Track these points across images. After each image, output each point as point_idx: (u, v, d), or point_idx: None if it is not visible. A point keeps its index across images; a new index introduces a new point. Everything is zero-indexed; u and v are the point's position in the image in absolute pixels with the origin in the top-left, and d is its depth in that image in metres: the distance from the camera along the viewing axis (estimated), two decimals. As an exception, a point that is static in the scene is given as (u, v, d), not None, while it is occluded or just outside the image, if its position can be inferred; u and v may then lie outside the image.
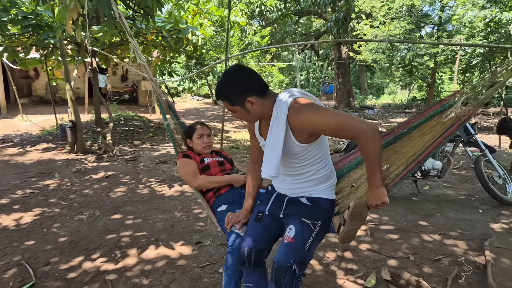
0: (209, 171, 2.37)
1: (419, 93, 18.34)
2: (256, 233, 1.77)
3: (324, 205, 1.76)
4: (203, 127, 2.55)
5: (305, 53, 24.67)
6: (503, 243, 3.10)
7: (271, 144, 1.58)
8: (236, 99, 1.58)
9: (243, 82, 1.58)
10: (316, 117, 1.49)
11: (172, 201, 4.22)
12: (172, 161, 6.35)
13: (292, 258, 1.60)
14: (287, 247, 1.64)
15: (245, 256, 1.74)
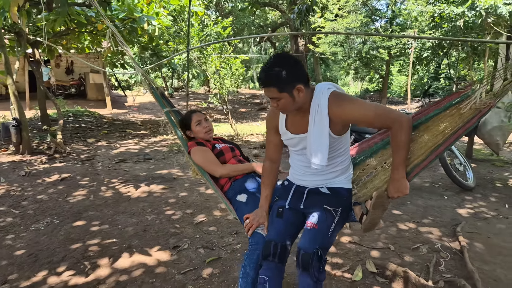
0: (223, 157, 2.31)
1: (371, 84, 19.14)
2: (279, 228, 1.75)
3: (343, 194, 1.80)
4: (198, 114, 2.46)
5: (261, 45, 24.62)
6: (473, 228, 3.25)
7: (317, 135, 1.60)
8: (288, 85, 1.54)
9: (296, 68, 1.56)
10: (356, 107, 1.56)
11: (140, 203, 3.95)
12: (133, 159, 5.99)
13: (318, 244, 1.62)
14: (311, 233, 1.66)
15: (271, 249, 1.70)
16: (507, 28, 6.72)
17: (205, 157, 2.23)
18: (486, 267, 2.59)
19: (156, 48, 9.72)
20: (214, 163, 2.22)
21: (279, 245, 1.71)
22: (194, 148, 2.28)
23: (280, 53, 1.61)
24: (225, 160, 2.31)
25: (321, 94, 1.59)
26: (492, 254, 2.79)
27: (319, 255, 1.60)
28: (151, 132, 9.06)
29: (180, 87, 24.27)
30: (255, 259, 1.81)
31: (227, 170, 2.22)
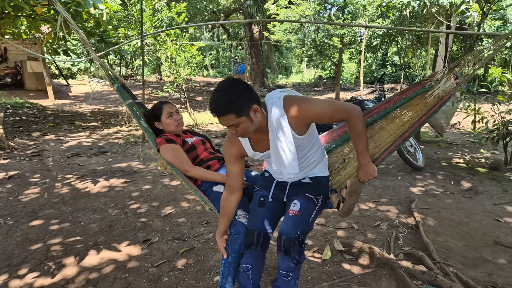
0: (196, 151, 2.25)
1: (324, 72, 19.70)
2: (262, 218, 1.79)
3: (323, 182, 1.88)
4: (170, 105, 2.34)
5: (214, 31, 24.20)
6: (425, 204, 3.55)
7: (284, 147, 1.64)
8: (244, 109, 1.52)
9: (247, 90, 1.54)
10: (315, 107, 1.60)
11: (101, 198, 3.80)
12: (87, 153, 5.70)
13: (299, 229, 1.67)
14: (294, 219, 1.70)
15: (254, 238, 1.75)
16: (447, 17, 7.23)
17: (176, 156, 2.13)
18: (439, 239, 2.86)
19: (104, 34, 9.18)
20: (185, 162, 2.13)
21: (262, 233, 1.75)
22: (164, 146, 2.17)
23: (227, 79, 1.57)
24: (197, 154, 2.26)
25: (274, 106, 1.59)
26: (443, 227, 3.07)
27: (300, 240, 1.66)
28: (103, 124, 8.63)
29: (129, 75, 23.20)
30: (236, 249, 1.83)
31: (198, 173, 2.14)
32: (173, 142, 2.19)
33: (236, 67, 22.92)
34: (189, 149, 2.25)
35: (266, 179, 1.95)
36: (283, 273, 1.75)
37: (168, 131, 2.32)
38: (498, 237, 2.87)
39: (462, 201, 3.61)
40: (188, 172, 2.13)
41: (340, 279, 2.37)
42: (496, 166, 4.52)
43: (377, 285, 2.30)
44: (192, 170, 2.13)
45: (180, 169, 2.12)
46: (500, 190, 3.86)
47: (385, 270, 2.45)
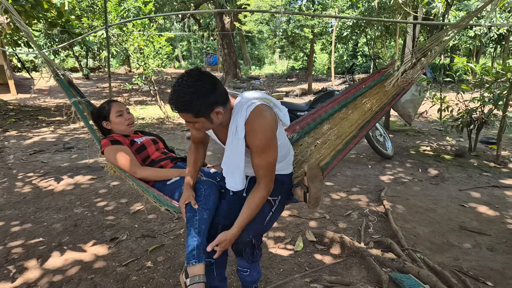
0: (146, 151, 2.11)
1: (297, 63, 19.74)
2: (222, 209, 1.74)
3: (284, 180, 1.80)
4: (119, 104, 2.21)
5: (184, 22, 23.66)
6: (394, 192, 3.62)
7: (232, 158, 1.55)
8: (204, 111, 1.39)
9: (212, 92, 1.38)
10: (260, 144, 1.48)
11: (65, 197, 3.63)
12: (51, 149, 5.44)
13: (251, 234, 1.62)
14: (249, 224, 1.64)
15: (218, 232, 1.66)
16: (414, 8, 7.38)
17: (123, 157, 1.99)
18: (407, 226, 2.93)
19: (67, 25, 8.76)
20: (132, 164, 1.98)
21: (220, 227, 1.69)
22: (109, 148, 2.02)
23: (194, 73, 1.38)
24: (148, 154, 2.12)
25: (239, 114, 1.47)
26: (411, 214, 3.15)
27: (252, 243, 1.63)
28: (69, 118, 8.26)
29: (97, 67, 22.40)
30: (211, 206, 1.71)
31: (148, 173, 1.99)
32: (119, 143, 2.05)
33: (208, 58, 22.60)
34: (139, 150, 2.11)
35: None
36: (241, 269, 1.80)
37: (117, 131, 2.17)
38: (464, 222, 2.98)
39: (429, 188, 3.72)
40: (137, 174, 1.97)
41: (311, 269, 2.37)
42: (461, 153, 4.68)
43: (347, 274, 2.33)
44: (141, 172, 1.98)
45: (128, 171, 1.98)
46: (465, 176, 4.01)
47: (356, 258, 2.48)
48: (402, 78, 1.78)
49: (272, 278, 2.31)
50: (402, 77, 1.78)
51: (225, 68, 14.92)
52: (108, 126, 2.19)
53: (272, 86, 14.32)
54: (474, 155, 4.74)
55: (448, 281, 2.11)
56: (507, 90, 4.04)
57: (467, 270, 2.31)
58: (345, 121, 1.93)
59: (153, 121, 7.92)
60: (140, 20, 6.65)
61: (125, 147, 2.04)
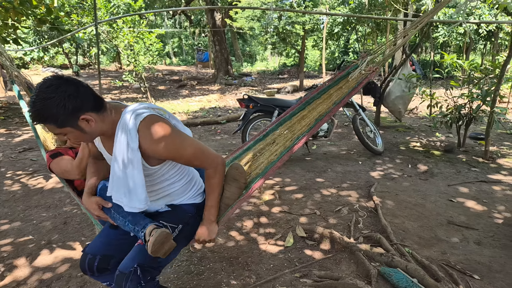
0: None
1: (288, 59, 19.75)
2: (108, 239, 1.60)
3: (187, 209, 1.61)
4: None
5: (175, 18, 23.49)
6: (384, 188, 3.66)
7: (127, 173, 1.35)
8: (67, 120, 1.24)
9: (72, 97, 1.23)
10: (171, 146, 1.35)
11: (55, 195, 3.60)
12: (41, 146, 5.37)
13: (137, 261, 1.41)
14: (135, 250, 1.47)
15: (86, 262, 1.56)
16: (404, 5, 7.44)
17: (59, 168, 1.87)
18: (396, 221, 2.96)
19: (56, 21, 8.65)
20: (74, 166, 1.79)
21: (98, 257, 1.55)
22: (51, 164, 1.90)
23: (50, 80, 1.24)
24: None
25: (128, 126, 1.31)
26: (400, 209, 3.18)
27: (137, 274, 1.39)
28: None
29: (87, 64, 22.15)
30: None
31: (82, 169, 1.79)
32: (59, 155, 1.93)
33: (199, 55, 22.48)
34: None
35: None
36: None
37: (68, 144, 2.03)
38: (452, 216, 3.02)
39: (419, 184, 3.76)
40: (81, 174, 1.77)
41: (301, 265, 2.39)
42: (450, 148, 4.75)
43: (337, 269, 2.35)
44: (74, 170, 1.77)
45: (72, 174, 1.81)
46: (454, 172, 4.07)
47: (345, 254, 2.51)
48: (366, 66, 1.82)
49: (262, 273, 2.32)
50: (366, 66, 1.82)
51: (216, 65, 14.86)
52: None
53: (264, 83, 14.32)
54: (463, 150, 4.81)
55: (436, 275, 2.15)
56: (495, 86, 4.10)
57: (454, 263, 2.35)
58: (304, 119, 1.94)
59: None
60: (130, 16, 6.60)
61: (64, 158, 1.91)
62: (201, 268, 2.39)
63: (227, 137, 6.09)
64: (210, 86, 13.47)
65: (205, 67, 21.48)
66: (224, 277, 2.29)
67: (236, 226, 2.94)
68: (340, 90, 1.97)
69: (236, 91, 12.09)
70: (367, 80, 1.93)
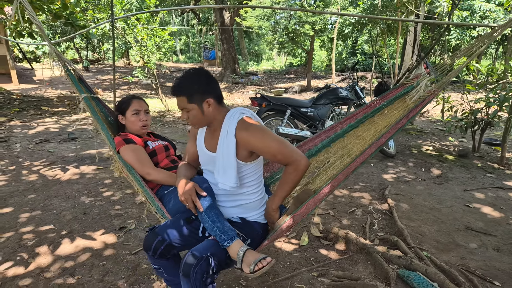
0: (156, 158, 2.03)
1: (295, 59, 19.69)
2: (179, 230, 1.65)
3: (256, 228, 1.69)
4: (140, 102, 2.13)
5: (183, 16, 23.51)
6: (398, 191, 3.67)
7: (225, 155, 1.57)
8: (196, 98, 1.55)
9: (209, 83, 1.58)
10: (261, 137, 1.54)
11: (73, 186, 3.66)
12: (56, 139, 5.45)
13: (211, 251, 1.48)
14: (210, 242, 1.54)
15: (153, 243, 1.63)
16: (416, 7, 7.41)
17: (137, 158, 1.92)
18: (412, 224, 2.97)
19: (71, 17, 8.73)
20: (146, 165, 1.92)
21: (165, 243, 1.62)
22: (124, 147, 1.93)
23: (195, 68, 1.61)
24: (157, 161, 2.03)
25: (232, 119, 1.58)
26: (416, 212, 3.19)
27: (208, 262, 1.44)
28: (71, 109, 8.27)
29: (97, 60, 22.28)
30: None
31: (160, 177, 1.92)
32: (132, 142, 1.96)
33: (206, 53, 22.51)
34: (150, 155, 2.02)
35: None
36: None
37: (130, 130, 2.10)
38: (469, 222, 3.02)
39: (433, 188, 3.77)
40: (150, 175, 1.91)
41: (318, 264, 2.42)
42: (465, 153, 4.73)
43: (354, 270, 2.37)
44: (154, 173, 1.91)
45: (141, 172, 1.91)
46: (469, 177, 4.06)
47: (362, 255, 2.52)
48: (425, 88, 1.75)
49: (280, 271, 2.35)
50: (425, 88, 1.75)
51: (223, 63, 14.88)
52: (122, 121, 2.12)
53: (270, 82, 14.31)
54: (477, 156, 4.79)
55: (456, 280, 2.15)
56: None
57: (474, 269, 2.35)
58: (359, 140, 1.91)
59: (154, 114, 7.93)
60: (144, 14, 6.65)
61: (140, 147, 1.97)
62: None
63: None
64: (218, 84, 13.51)
65: (212, 65, 21.51)
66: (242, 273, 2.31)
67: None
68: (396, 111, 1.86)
69: (243, 89, 12.11)
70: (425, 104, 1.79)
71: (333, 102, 4.62)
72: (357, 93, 4.72)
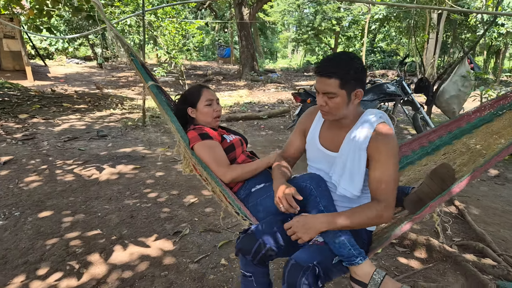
0: (234, 153, 1.83)
1: (312, 57, 19.41)
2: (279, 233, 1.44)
3: (363, 236, 1.50)
4: (210, 91, 1.94)
5: (198, 13, 23.33)
6: (463, 192, 3.41)
7: (355, 160, 1.39)
8: (350, 83, 1.36)
9: (362, 72, 1.39)
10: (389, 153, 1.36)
11: (113, 186, 3.46)
12: (84, 136, 5.27)
13: (317, 259, 1.30)
14: (313, 248, 1.38)
15: (254, 247, 1.42)
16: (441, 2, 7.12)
17: (214, 156, 1.72)
18: (490, 228, 2.72)
19: (92, 10, 8.55)
20: (223, 164, 1.73)
21: (267, 248, 1.41)
22: (199, 144, 1.73)
23: (349, 52, 1.44)
24: (235, 156, 1.84)
25: (369, 122, 1.39)
26: (489, 215, 2.94)
27: (316, 273, 1.27)
28: (94, 106, 8.10)
29: (111, 56, 22.17)
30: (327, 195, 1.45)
31: (238, 173, 1.73)
32: (209, 138, 1.75)
33: (221, 51, 22.29)
34: (227, 149, 1.82)
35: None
36: None
37: (201, 122, 1.89)
38: (548, 225, 2.77)
39: (497, 189, 3.50)
40: (226, 175, 1.70)
41: (403, 275, 2.18)
42: (518, 152, 4.45)
43: (443, 281, 2.13)
44: (230, 173, 1.71)
45: (217, 173, 1.71)
46: (529, 177, 3.79)
47: (447, 264, 2.29)
48: None
49: (362, 282, 2.11)
50: None
51: (242, 61, 14.64)
52: (193, 114, 1.91)
53: (290, 80, 14.06)
54: (531, 155, 4.51)
55: None
56: None
57: None
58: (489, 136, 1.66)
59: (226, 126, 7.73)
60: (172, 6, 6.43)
61: (217, 143, 1.77)
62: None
63: (272, 132, 5.89)
64: (236, 82, 13.28)
65: (226, 63, 21.28)
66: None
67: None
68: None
69: (264, 87, 11.88)
70: None
71: (380, 98, 4.37)
72: (404, 88, 4.47)
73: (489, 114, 1.73)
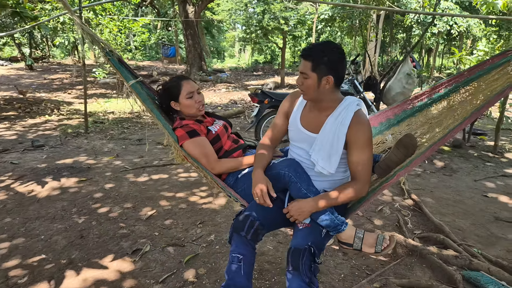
0: (220, 142, 1.94)
1: (260, 56, 19.50)
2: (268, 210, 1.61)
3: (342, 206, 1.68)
4: (190, 82, 1.97)
5: (138, 10, 22.27)
6: (415, 185, 3.56)
7: (334, 142, 1.56)
8: (321, 68, 1.49)
9: (339, 62, 1.52)
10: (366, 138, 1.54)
11: (56, 203, 3.09)
12: (17, 148, 4.71)
13: (310, 240, 1.52)
14: (304, 231, 1.57)
15: (247, 223, 1.57)
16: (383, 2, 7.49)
17: (203, 152, 1.84)
18: (446, 219, 2.85)
19: (18, 6, 7.74)
20: (212, 159, 1.85)
21: (258, 222, 1.57)
22: (188, 142, 1.82)
23: (335, 43, 1.59)
24: (221, 145, 1.96)
25: (349, 108, 1.56)
26: (443, 206, 3.09)
27: (312, 252, 1.47)
28: (25, 113, 7.33)
29: (40, 57, 20.41)
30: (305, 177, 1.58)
31: (225, 167, 1.87)
32: (197, 135, 1.85)
33: (165, 50, 21.59)
34: (213, 140, 1.92)
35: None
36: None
37: (186, 114, 1.96)
38: (495, 212, 2.97)
39: (446, 180, 3.71)
40: (215, 170, 1.86)
41: (375, 273, 2.18)
42: (458, 144, 4.79)
43: (412, 275, 2.17)
44: (217, 167, 1.86)
45: (206, 167, 1.85)
46: (471, 167, 4.08)
47: (413, 257, 2.34)
48: None
49: (337, 285, 2.08)
50: None
51: (189, 60, 14.25)
52: (176, 107, 1.96)
53: (239, 79, 13.99)
54: (469, 145, 4.88)
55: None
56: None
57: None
58: (449, 111, 1.73)
59: (127, 115, 7.28)
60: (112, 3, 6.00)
61: (204, 139, 1.86)
62: (266, 283, 2.10)
63: (226, 134, 5.75)
64: (183, 82, 12.91)
65: (172, 63, 20.65)
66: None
67: (281, 232, 2.67)
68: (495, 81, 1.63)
69: (214, 87, 11.68)
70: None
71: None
72: (356, 87, 4.58)
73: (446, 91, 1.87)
